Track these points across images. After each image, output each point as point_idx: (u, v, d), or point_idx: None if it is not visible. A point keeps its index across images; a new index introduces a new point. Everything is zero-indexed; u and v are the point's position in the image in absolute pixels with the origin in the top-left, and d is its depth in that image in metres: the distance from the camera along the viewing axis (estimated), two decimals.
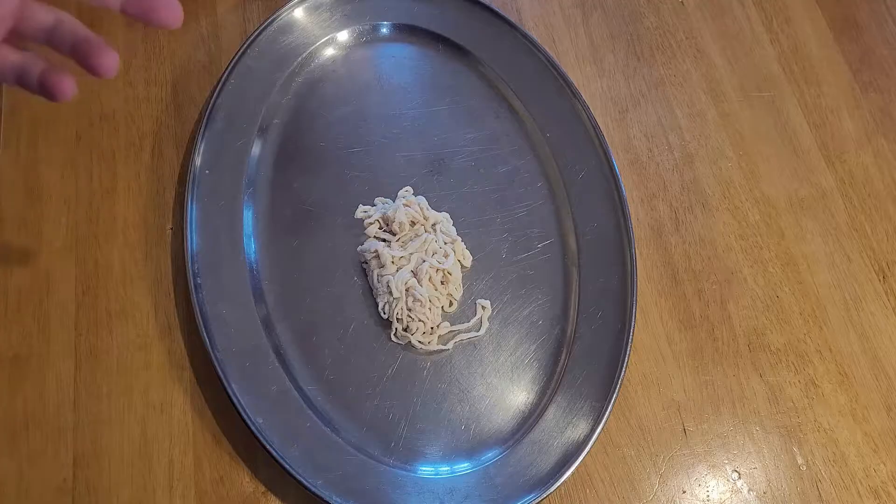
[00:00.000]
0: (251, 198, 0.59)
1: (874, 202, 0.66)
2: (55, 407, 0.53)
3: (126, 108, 0.63)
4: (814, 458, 0.57)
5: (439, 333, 0.56)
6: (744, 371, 0.59)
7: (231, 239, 0.58)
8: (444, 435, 0.54)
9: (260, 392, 0.53)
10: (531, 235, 0.61)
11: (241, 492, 0.52)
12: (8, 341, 0.55)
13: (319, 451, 0.52)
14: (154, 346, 0.56)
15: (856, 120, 0.69)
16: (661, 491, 0.55)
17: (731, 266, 0.62)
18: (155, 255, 0.58)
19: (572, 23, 0.71)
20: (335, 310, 0.57)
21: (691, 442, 0.56)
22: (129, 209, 0.59)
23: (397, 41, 0.67)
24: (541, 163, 0.63)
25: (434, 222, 0.59)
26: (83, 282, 0.57)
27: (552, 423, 0.55)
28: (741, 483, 0.56)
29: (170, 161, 0.61)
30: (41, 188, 0.59)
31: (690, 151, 0.66)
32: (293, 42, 0.64)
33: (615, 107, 0.68)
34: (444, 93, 0.65)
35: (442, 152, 0.63)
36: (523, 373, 0.57)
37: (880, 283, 0.63)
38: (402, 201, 0.59)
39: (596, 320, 0.58)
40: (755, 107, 0.69)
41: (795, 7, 0.74)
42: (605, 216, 0.61)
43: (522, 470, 0.53)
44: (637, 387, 0.58)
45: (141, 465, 0.52)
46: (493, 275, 0.59)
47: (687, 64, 0.70)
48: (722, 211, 0.64)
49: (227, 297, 0.55)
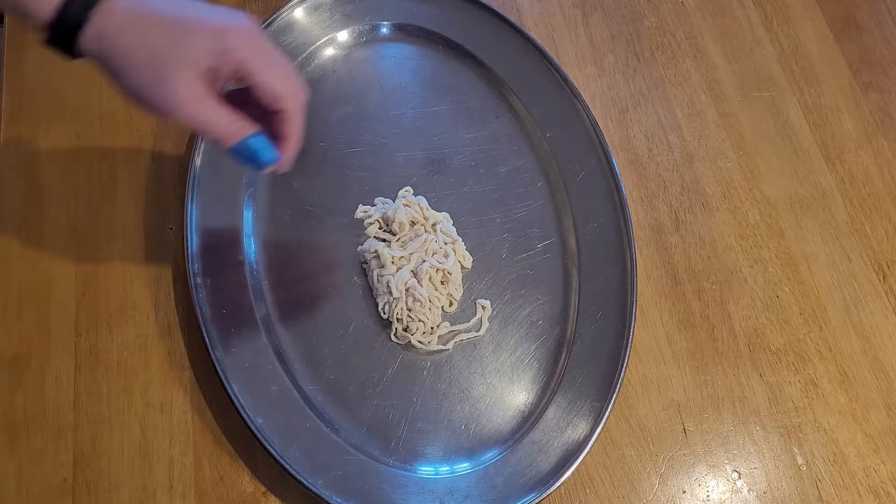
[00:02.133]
0: (251, 198, 0.59)
1: (874, 202, 0.66)
2: (55, 407, 0.53)
3: (126, 108, 0.63)
4: (814, 458, 0.57)
5: (439, 333, 0.56)
6: (744, 371, 0.59)
7: (231, 239, 0.58)
8: (444, 435, 0.54)
9: (260, 392, 0.53)
10: (531, 235, 0.61)
11: (241, 492, 0.52)
12: (8, 341, 0.55)
13: (319, 451, 0.52)
14: (154, 346, 0.56)
15: (856, 120, 0.69)
16: (661, 491, 0.55)
17: (731, 266, 0.62)
18: (155, 255, 0.58)
19: (572, 23, 0.71)
20: (335, 310, 0.57)
21: (691, 442, 0.56)
22: (129, 209, 0.59)
23: (397, 41, 0.67)
24: (541, 163, 0.63)
25: (434, 222, 0.59)
26: (83, 282, 0.57)
27: (552, 423, 0.55)
28: (741, 483, 0.56)
29: (170, 161, 0.61)
30: (41, 188, 0.59)
31: (690, 151, 0.66)
32: (293, 42, 0.64)
33: (615, 107, 0.68)
34: (444, 93, 0.65)
35: (442, 152, 0.63)
36: (523, 373, 0.57)
37: (880, 283, 0.63)
38: (402, 201, 0.59)
39: (596, 320, 0.58)
40: (755, 107, 0.69)
41: (795, 7, 0.74)
42: (605, 216, 0.61)
43: (522, 470, 0.53)
44: (637, 387, 0.58)
45: (141, 465, 0.52)
46: (493, 275, 0.59)
47: (687, 64, 0.70)
48: (722, 211, 0.64)
49: (227, 297, 0.55)
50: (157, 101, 0.41)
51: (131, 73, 0.40)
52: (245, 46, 0.41)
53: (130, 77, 0.40)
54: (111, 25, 0.40)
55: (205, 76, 0.41)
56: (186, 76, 0.40)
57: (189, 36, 0.40)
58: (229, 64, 0.41)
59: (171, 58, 0.40)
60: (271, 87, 0.42)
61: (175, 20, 0.40)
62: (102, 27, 0.39)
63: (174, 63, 0.40)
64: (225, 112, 0.42)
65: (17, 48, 0.63)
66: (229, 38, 0.40)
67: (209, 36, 0.40)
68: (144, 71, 0.40)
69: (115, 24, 0.40)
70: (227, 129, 0.42)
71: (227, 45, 0.40)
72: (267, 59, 0.42)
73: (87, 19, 0.39)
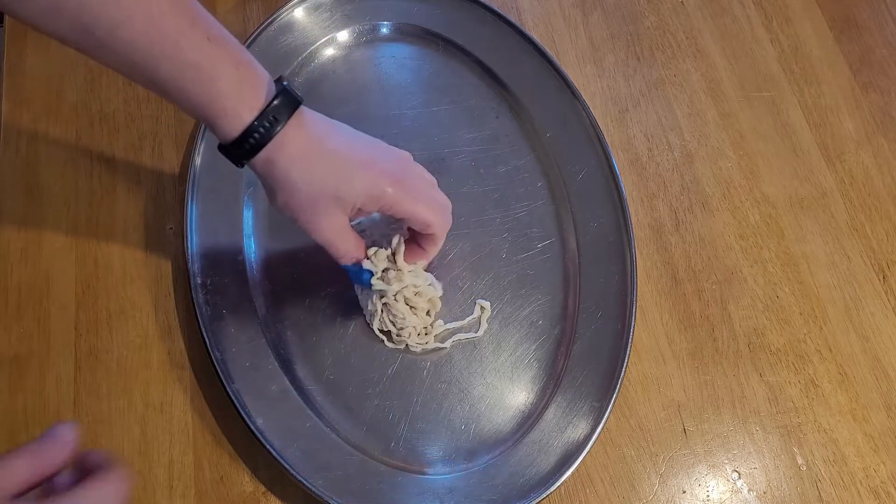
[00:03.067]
0: (251, 198, 0.59)
1: (874, 202, 0.66)
2: (55, 407, 0.53)
3: (126, 108, 0.63)
4: (814, 458, 0.57)
5: (435, 333, 0.56)
6: (744, 371, 0.59)
7: (231, 239, 0.58)
8: (444, 435, 0.54)
9: (260, 392, 0.53)
10: (531, 235, 0.61)
11: (241, 492, 0.52)
12: (8, 341, 0.55)
13: (319, 451, 0.52)
14: (154, 346, 0.56)
15: (856, 120, 0.69)
16: (661, 491, 0.55)
17: (731, 266, 0.62)
18: (155, 255, 0.58)
19: (572, 23, 0.71)
20: (335, 310, 0.57)
21: (691, 442, 0.56)
22: (129, 209, 0.59)
23: (397, 41, 0.67)
24: (541, 163, 0.63)
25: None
26: (83, 282, 0.57)
27: (552, 423, 0.54)
28: (741, 483, 0.56)
29: (170, 161, 0.61)
30: (41, 188, 0.59)
31: (690, 151, 0.66)
32: (293, 42, 0.64)
33: (615, 107, 0.68)
34: (444, 93, 0.65)
35: (442, 152, 0.63)
36: (523, 373, 0.57)
37: (880, 283, 0.63)
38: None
39: (596, 320, 0.58)
40: (755, 107, 0.69)
41: (795, 7, 0.74)
42: (605, 216, 0.61)
43: (522, 470, 0.53)
44: (637, 387, 0.58)
45: (141, 465, 0.52)
46: (493, 275, 0.59)
47: (687, 64, 0.70)
48: (722, 211, 0.64)
49: (227, 298, 0.55)
50: (304, 224, 0.46)
51: (289, 197, 0.45)
52: (395, 193, 0.46)
53: (287, 200, 0.45)
54: (283, 155, 0.43)
55: (350, 212, 0.46)
56: (337, 213, 0.46)
57: (350, 180, 0.45)
58: (378, 206, 0.47)
59: (329, 196, 0.45)
60: (422, 219, 0.48)
61: (339, 162, 0.45)
62: (275, 154, 0.43)
63: (330, 201, 0.45)
64: (353, 243, 0.49)
65: (18, 48, 0.64)
66: (385, 185, 0.46)
67: (367, 182, 0.45)
68: (301, 200, 0.45)
69: (287, 155, 0.43)
70: (348, 255, 0.49)
71: (381, 193, 0.46)
72: (416, 195, 0.48)
73: (264, 146, 0.42)
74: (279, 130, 0.42)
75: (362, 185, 0.45)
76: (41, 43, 0.64)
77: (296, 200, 0.45)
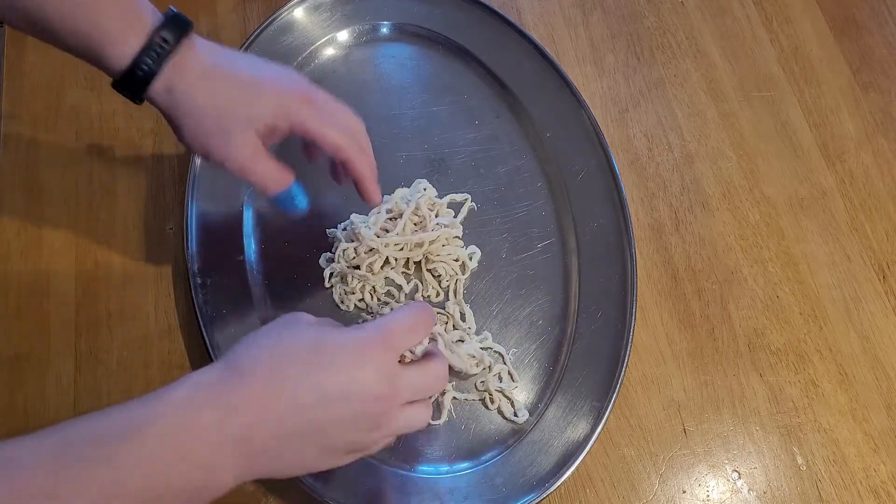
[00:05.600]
0: (251, 198, 0.59)
1: (874, 202, 0.66)
2: (55, 407, 0.53)
3: (126, 108, 0.63)
4: (814, 458, 0.57)
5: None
6: (744, 371, 0.59)
7: (231, 239, 0.58)
8: (444, 435, 0.54)
9: None
10: (531, 235, 0.61)
11: (241, 492, 0.52)
12: (8, 341, 0.55)
13: None
14: (154, 346, 0.56)
15: (856, 120, 0.69)
16: (661, 491, 0.55)
17: (731, 266, 0.62)
18: (155, 255, 0.58)
19: (572, 23, 0.71)
20: (335, 309, 0.57)
21: (691, 442, 0.56)
22: (129, 209, 0.59)
23: (397, 41, 0.67)
24: (541, 163, 0.63)
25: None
26: (83, 282, 0.57)
27: (552, 423, 0.55)
28: (741, 483, 0.56)
29: (170, 161, 0.61)
30: (41, 188, 0.59)
31: (690, 151, 0.66)
32: (293, 42, 0.64)
33: (615, 107, 0.68)
34: (444, 93, 0.65)
35: (442, 152, 0.63)
36: (523, 373, 0.57)
37: (880, 283, 0.63)
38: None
39: (596, 320, 0.58)
40: (755, 107, 0.69)
41: (795, 7, 0.74)
42: (604, 216, 0.61)
43: (522, 470, 0.53)
44: (637, 387, 0.58)
45: None
46: (493, 275, 0.59)
47: (687, 64, 0.70)
48: (722, 211, 0.64)
49: (227, 297, 0.55)
50: (216, 153, 0.44)
51: (196, 125, 0.43)
52: (303, 109, 0.44)
53: (194, 129, 0.43)
54: (182, 80, 0.42)
55: (262, 132, 0.44)
56: (248, 133, 0.44)
57: (255, 96, 0.44)
58: (289, 123, 0.45)
59: (236, 115, 0.43)
60: (330, 141, 0.46)
61: (242, 79, 0.44)
62: (172, 80, 0.42)
63: (238, 120, 0.43)
64: (273, 165, 0.46)
65: (17, 48, 0.63)
66: (291, 100, 0.44)
67: (274, 97, 0.44)
68: (209, 125, 0.43)
69: (186, 80, 0.42)
70: (272, 180, 0.46)
71: (289, 107, 0.44)
72: (324, 116, 0.45)
73: (158, 71, 0.41)
74: (171, 53, 0.41)
75: (269, 100, 0.44)
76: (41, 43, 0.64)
77: (204, 127, 0.43)
